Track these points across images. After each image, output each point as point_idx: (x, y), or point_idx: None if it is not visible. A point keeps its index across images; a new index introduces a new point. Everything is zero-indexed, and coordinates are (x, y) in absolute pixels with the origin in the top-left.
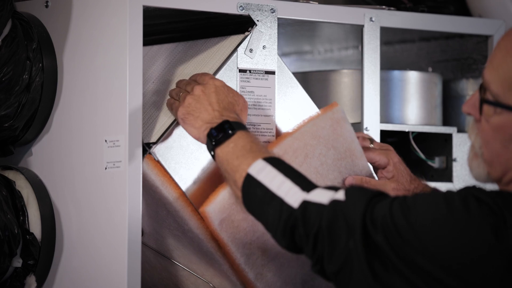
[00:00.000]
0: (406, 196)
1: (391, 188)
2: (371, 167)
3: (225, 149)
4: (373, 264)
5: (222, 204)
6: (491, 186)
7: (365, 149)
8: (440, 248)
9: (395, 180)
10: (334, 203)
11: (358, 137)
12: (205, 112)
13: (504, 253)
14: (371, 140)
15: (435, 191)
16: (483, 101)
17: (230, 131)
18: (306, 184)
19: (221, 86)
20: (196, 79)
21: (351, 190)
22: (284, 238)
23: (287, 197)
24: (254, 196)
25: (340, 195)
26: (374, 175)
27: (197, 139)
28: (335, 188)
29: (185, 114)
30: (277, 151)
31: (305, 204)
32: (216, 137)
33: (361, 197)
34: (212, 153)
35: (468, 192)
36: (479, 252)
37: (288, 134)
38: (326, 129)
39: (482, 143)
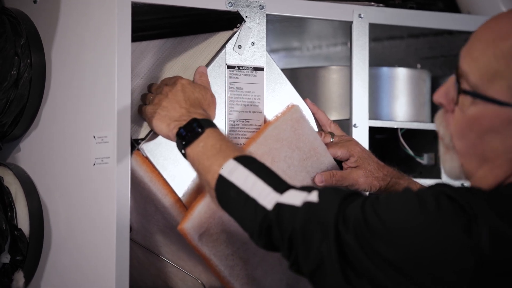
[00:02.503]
0: (378, 195)
1: (361, 175)
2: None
3: (195, 149)
4: (346, 269)
5: (199, 219)
6: (458, 183)
7: (327, 144)
8: (412, 246)
9: (362, 168)
10: (307, 205)
11: (319, 134)
12: (173, 110)
13: (476, 251)
14: (332, 135)
15: (408, 189)
16: (460, 91)
17: (199, 129)
18: (278, 184)
19: (187, 83)
20: (165, 82)
21: (324, 191)
22: (261, 238)
23: (260, 198)
24: (228, 197)
25: (313, 196)
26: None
27: (167, 137)
28: (308, 189)
29: (152, 113)
30: None
31: (279, 206)
32: (185, 137)
33: (334, 198)
34: (183, 151)
35: (440, 190)
36: (451, 249)
37: (251, 141)
38: (288, 131)
39: (453, 135)
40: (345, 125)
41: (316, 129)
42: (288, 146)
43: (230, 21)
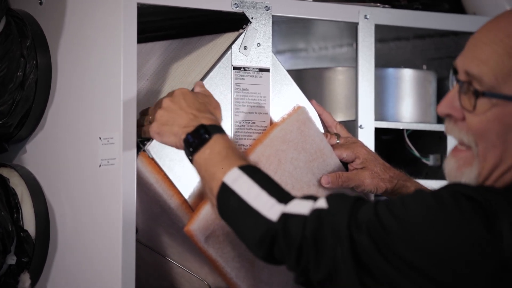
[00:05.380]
0: (391, 198)
1: (367, 176)
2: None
3: (202, 156)
4: (361, 274)
5: (206, 220)
6: None
7: (332, 146)
8: (432, 244)
9: (368, 169)
10: (317, 211)
11: (325, 136)
12: (179, 118)
13: (498, 247)
14: (338, 136)
15: (421, 190)
16: (478, 94)
17: (206, 136)
18: (282, 196)
19: (187, 91)
20: (161, 99)
21: (332, 197)
22: (261, 250)
23: (264, 210)
24: (229, 205)
25: (322, 203)
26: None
27: (176, 147)
28: (313, 198)
29: (159, 127)
30: (251, 160)
31: (285, 216)
32: (192, 143)
33: (344, 203)
34: (190, 157)
35: (455, 189)
36: (473, 246)
37: (258, 142)
38: (294, 132)
39: (476, 138)
40: (351, 126)
41: (322, 130)
42: (295, 147)
43: (236, 22)
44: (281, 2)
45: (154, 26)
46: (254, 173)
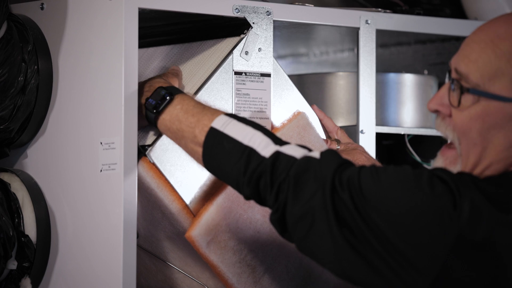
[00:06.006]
0: (376, 166)
1: None
2: None
3: (172, 111)
4: (341, 227)
5: (207, 226)
6: None
7: None
8: (400, 212)
9: None
10: (308, 158)
11: (326, 141)
12: (139, 96)
13: (457, 222)
14: (338, 142)
15: (406, 166)
16: (463, 90)
17: (167, 96)
18: (277, 139)
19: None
20: None
21: (326, 152)
22: (249, 187)
23: (259, 147)
24: (221, 148)
25: (316, 154)
26: None
27: (148, 120)
28: (308, 149)
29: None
30: None
31: (277, 154)
32: (156, 105)
33: (335, 158)
34: (155, 120)
35: (434, 172)
36: (435, 218)
37: None
38: (294, 138)
39: (460, 136)
40: (352, 131)
41: (322, 135)
42: None
43: (237, 27)
44: (283, 7)
45: (156, 31)
46: (243, 119)
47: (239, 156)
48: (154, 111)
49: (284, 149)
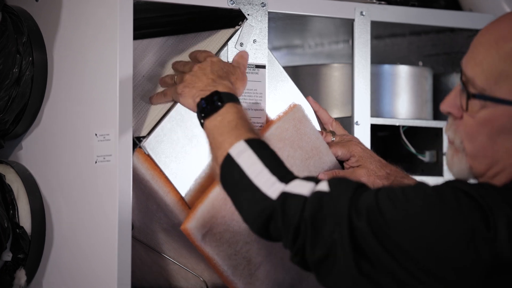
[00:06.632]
0: (392, 186)
1: (363, 174)
2: None
3: (212, 123)
4: (359, 259)
5: (203, 218)
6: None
7: (328, 144)
8: (429, 235)
9: (364, 167)
10: (318, 194)
11: (321, 133)
12: (200, 81)
13: (493, 243)
14: (333, 134)
15: (423, 183)
16: (470, 96)
17: (219, 103)
18: (284, 174)
19: (217, 60)
20: (196, 56)
21: (334, 181)
22: (256, 225)
23: (264, 187)
24: (231, 178)
25: (324, 186)
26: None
27: (193, 110)
28: (314, 179)
29: (182, 88)
30: None
31: (285, 195)
32: (205, 109)
33: (346, 187)
34: (202, 121)
35: (454, 185)
36: (468, 241)
37: None
38: (290, 130)
39: (463, 138)
40: (347, 122)
41: (318, 127)
42: (291, 145)
43: (232, 19)
44: None
45: (150, 23)
46: (260, 148)
47: (246, 191)
48: (203, 115)
49: (290, 188)
